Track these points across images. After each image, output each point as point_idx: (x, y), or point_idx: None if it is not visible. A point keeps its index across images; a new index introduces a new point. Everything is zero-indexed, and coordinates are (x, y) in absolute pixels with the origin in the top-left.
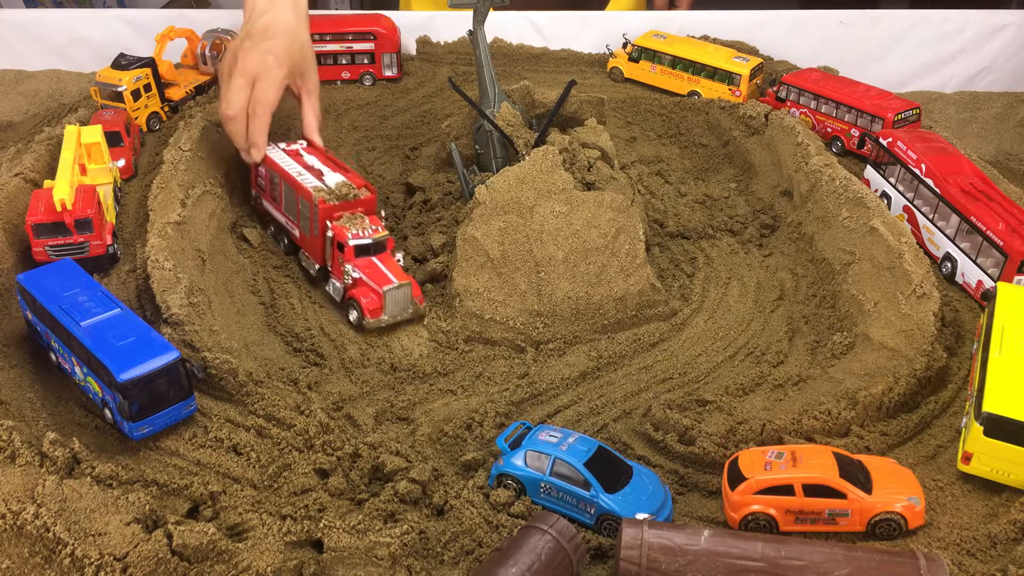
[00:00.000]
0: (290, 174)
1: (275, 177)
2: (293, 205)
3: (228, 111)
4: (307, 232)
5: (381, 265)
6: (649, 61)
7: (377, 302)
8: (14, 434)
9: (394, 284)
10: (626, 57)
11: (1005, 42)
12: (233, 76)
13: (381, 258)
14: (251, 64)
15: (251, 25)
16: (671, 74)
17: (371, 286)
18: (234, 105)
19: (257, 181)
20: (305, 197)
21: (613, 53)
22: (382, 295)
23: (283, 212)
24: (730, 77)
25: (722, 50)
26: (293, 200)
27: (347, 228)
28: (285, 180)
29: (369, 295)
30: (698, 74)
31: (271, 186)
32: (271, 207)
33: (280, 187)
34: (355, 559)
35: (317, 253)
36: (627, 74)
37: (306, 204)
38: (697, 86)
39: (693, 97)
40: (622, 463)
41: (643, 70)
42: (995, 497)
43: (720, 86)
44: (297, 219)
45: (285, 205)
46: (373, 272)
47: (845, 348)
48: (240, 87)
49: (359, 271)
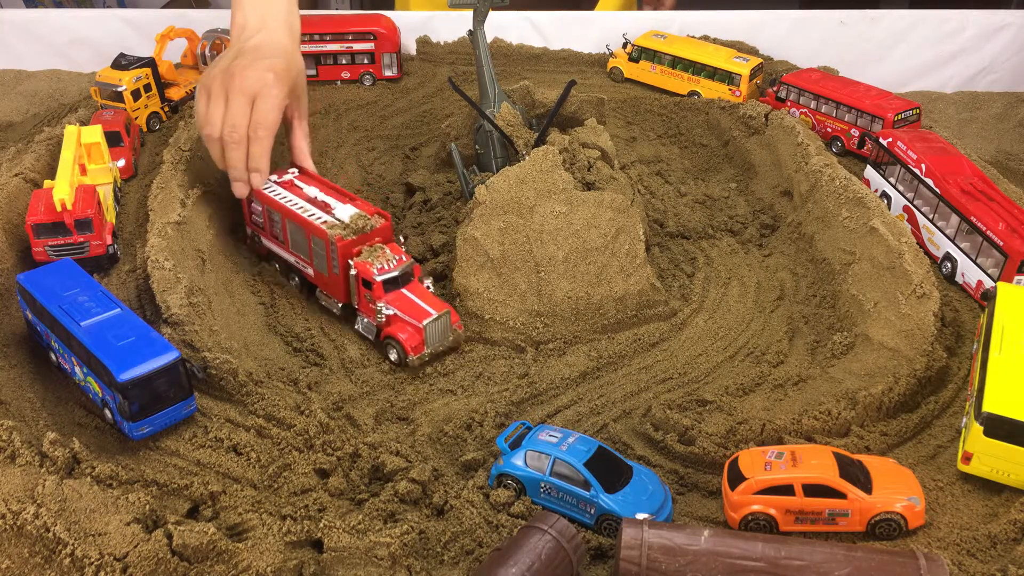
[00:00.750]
0: (294, 211)
1: (275, 215)
2: (303, 244)
3: (232, 133)
4: (323, 271)
5: (414, 297)
6: (649, 61)
7: (418, 337)
8: (14, 434)
9: (433, 316)
10: (626, 57)
11: (1005, 42)
12: (231, 95)
13: (411, 288)
14: (250, 82)
15: (242, 43)
16: (671, 74)
17: (408, 321)
18: (238, 127)
19: (252, 219)
20: (318, 235)
21: (613, 53)
22: (422, 329)
23: (290, 251)
24: (730, 77)
25: (722, 50)
26: (302, 239)
27: (370, 263)
28: (289, 218)
29: (408, 331)
30: (698, 74)
31: (271, 224)
32: (274, 246)
33: (283, 225)
34: (355, 559)
35: (339, 291)
36: (627, 74)
37: (320, 242)
38: (697, 86)
39: (693, 97)
40: (622, 463)
41: (643, 70)
42: (995, 497)
43: (720, 86)
44: (310, 258)
45: (292, 244)
46: (407, 306)
47: (845, 348)
48: (240, 106)
49: (392, 307)
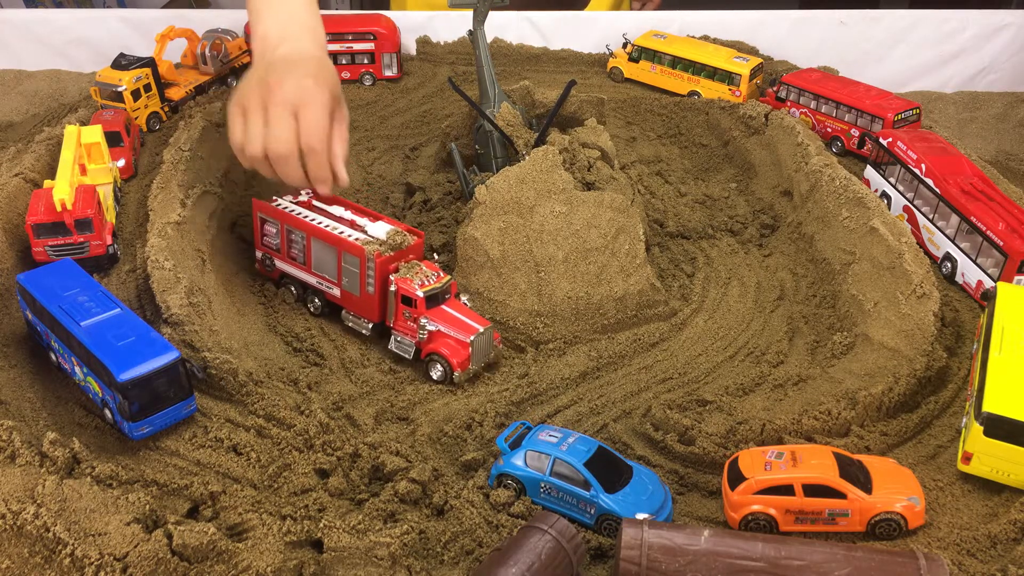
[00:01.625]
0: (322, 230)
1: (295, 234)
2: (329, 263)
3: (279, 147)
4: (354, 290)
5: (456, 312)
6: (649, 61)
7: (464, 353)
8: (14, 434)
9: (480, 331)
10: (626, 57)
11: (1005, 42)
12: (270, 108)
13: (450, 304)
14: (290, 92)
15: (270, 56)
16: (671, 74)
17: (454, 337)
18: (285, 141)
19: (264, 240)
20: (352, 252)
21: (613, 53)
22: (469, 345)
23: (312, 272)
24: (730, 77)
25: (722, 50)
26: (329, 258)
27: (410, 279)
28: (316, 236)
29: (453, 347)
30: (698, 74)
31: (288, 244)
32: (291, 267)
33: (306, 244)
34: (355, 559)
35: (372, 311)
36: (627, 74)
37: (353, 260)
38: (697, 86)
39: (693, 97)
40: (622, 463)
41: (643, 70)
42: (995, 497)
43: (720, 86)
44: (337, 277)
45: (315, 264)
46: (451, 321)
47: (845, 348)
48: (283, 118)
49: (435, 323)
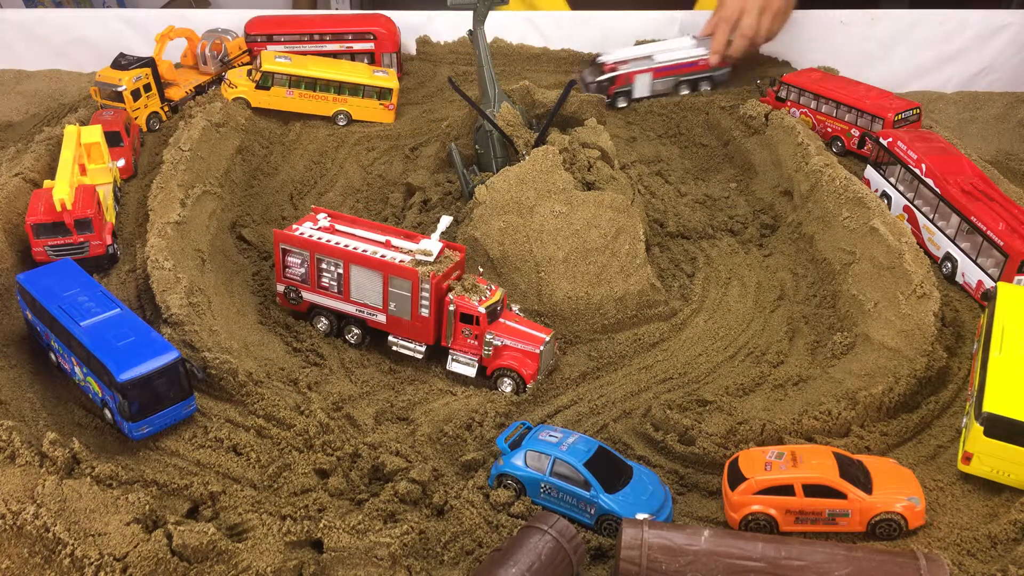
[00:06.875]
0: (362, 254)
1: (327, 262)
2: (371, 289)
3: (749, 32)
4: (405, 314)
5: (516, 324)
6: (282, 87)
7: (535, 364)
8: (14, 434)
9: (547, 339)
10: (253, 85)
11: (1005, 42)
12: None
13: (507, 317)
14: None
15: None
16: (314, 97)
17: (522, 349)
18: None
19: (287, 273)
20: (403, 276)
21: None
22: (539, 355)
23: (351, 300)
24: (379, 92)
25: (359, 66)
26: (372, 283)
27: (467, 297)
28: (356, 262)
29: (522, 359)
30: (342, 93)
31: (319, 274)
32: (323, 298)
33: (343, 272)
34: (355, 559)
35: (427, 334)
36: (254, 103)
37: (404, 283)
38: (345, 105)
39: (339, 118)
40: (622, 463)
41: (276, 97)
42: (995, 497)
43: (371, 102)
44: (383, 303)
45: (355, 292)
46: (515, 334)
47: (845, 348)
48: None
49: (501, 337)
